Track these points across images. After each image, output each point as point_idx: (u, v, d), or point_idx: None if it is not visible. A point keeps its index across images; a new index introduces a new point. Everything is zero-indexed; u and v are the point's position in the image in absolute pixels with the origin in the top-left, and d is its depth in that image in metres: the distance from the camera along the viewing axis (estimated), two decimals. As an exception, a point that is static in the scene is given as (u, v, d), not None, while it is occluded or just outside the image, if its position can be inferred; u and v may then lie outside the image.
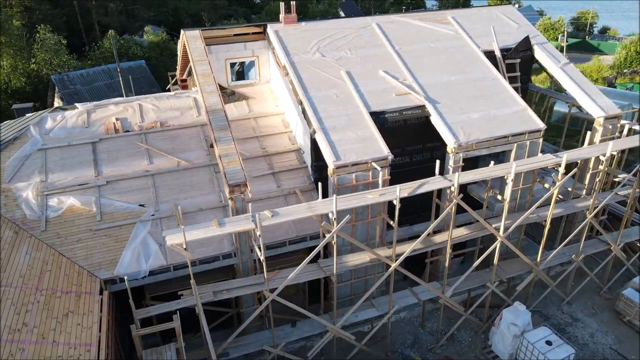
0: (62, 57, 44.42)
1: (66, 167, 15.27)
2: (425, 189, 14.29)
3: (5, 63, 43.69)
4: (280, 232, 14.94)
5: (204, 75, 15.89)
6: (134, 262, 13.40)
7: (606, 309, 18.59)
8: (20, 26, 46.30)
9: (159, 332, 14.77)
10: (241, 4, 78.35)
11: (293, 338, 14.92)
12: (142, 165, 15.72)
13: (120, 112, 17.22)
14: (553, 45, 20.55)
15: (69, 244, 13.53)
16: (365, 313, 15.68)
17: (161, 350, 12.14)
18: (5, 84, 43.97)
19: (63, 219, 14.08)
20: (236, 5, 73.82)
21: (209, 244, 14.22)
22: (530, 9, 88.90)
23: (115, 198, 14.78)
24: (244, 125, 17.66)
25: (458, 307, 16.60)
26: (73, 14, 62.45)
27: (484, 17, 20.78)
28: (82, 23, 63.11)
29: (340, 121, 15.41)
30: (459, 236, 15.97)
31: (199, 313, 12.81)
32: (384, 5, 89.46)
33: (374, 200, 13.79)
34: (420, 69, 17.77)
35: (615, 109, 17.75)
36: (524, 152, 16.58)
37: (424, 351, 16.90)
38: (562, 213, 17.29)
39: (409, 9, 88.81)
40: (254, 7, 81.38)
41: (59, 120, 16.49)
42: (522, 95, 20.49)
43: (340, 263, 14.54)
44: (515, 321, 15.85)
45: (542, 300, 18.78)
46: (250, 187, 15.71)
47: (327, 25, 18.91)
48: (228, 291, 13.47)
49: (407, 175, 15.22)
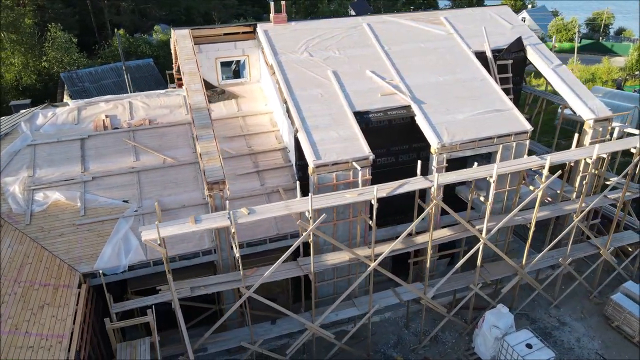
0: (72, 55, 45.14)
1: (54, 163, 15.60)
2: (404, 190, 14.30)
3: (16, 60, 44.56)
4: (261, 230, 15.07)
5: (190, 73, 16.09)
6: (114, 257, 13.64)
7: (595, 314, 18.37)
8: (32, 24, 47.21)
9: (144, 326, 15.14)
10: (253, 4, 78.82)
11: (272, 335, 15.03)
12: (129, 162, 15.99)
13: (110, 110, 17.52)
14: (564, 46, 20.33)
15: (51, 238, 13.83)
16: (346, 312, 15.73)
17: (135, 344, 12.36)
18: (16, 81, 44.87)
19: (48, 214, 14.39)
20: (247, 5, 74.28)
21: (190, 240, 14.40)
22: (544, 9, 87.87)
23: (100, 194, 15.05)
24: (232, 124, 17.83)
25: (441, 308, 16.56)
26: (86, 12, 63.48)
27: (477, 17, 20.66)
28: (95, 22, 64.12)
29: (324, 120, 15.48)
30: (441, 237, 15.94)
31: (175, 308, 13.00)
32: (396, 5, 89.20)
33: (352, 199, 13.85)
34: (409, 69, 17.75)
35: (606, 111, 17.53)
36: (510, 153, 16.47)
37: (407, 352, 16.89)
38: (549, 216, 17.14)
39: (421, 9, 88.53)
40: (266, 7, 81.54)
41: (50, 117, 16.83)
42: (514, 97, 20.39)
43: (318, 262, 14.62)
44: (497, 323, 15.77)
45: (530, 303, 18.63)
46: (234, 185, 16.00)
47: (317, 25, 18.98)
48: (206, 287, 13.64)
49: (392, 175, 15.13)
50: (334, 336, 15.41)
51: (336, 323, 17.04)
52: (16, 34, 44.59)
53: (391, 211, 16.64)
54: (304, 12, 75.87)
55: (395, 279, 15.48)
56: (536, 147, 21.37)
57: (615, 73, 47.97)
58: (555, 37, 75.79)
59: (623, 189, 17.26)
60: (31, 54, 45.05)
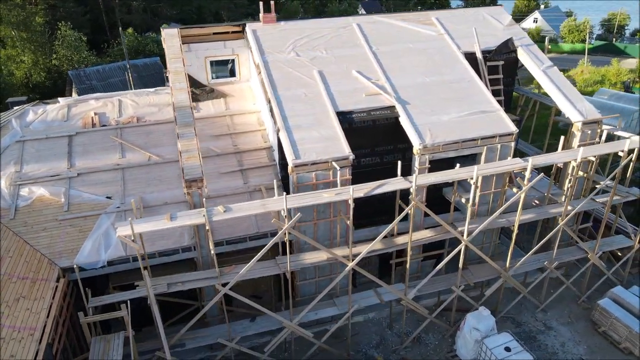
0: (81, 54, 45.80)
1: (41, 159, 15.91)
2: (383, 190, 14.32)
3: (26, 58, 45.36)
4: (241, 228, 15.20)
5: (175, 72, 16.28)
6: (94, 252, 13.88)
7: (583, 319, 18.16)
8: (42, 23, 48.04)
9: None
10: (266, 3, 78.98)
11: (250, 333, 15.15)
12: (114, 159, 16.24)
13: (100, 107, 17.81)
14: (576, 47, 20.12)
15: (34, 233, 14.12)
16: (326, 311, 15.79)
17: (109, 339, 12.56)
18: (26, 78, 45.70)
19: (32, 209, 14.69)
20: (257, 5, 74.60)
21: (169, 237, 14.59)
22: (557, 9, 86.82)
23: (85, 190, 15.32)
24: (219, 123, 17.99)
25: (422, 310, 16.52)
26: (98, 11, 64.35)
27: (469, 18, 20.53)
28: (107, 21, 64.93)
29: (306, 120, 15.55)
30: (421, 238, 15.91)
31: (151, 304, 13.17)
32: (408, 5, 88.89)
33: (329, 199, 13.90)
34: (396, 69, 17.73)
35: (595, 114, 17.31)
36: (494, 155, 16.38)
37: (388, 352, 16.88)
38: (535, 218, 16.98)
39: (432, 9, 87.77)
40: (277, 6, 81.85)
41: (40, 114, 17.17)
42: (506, 98, 20.26)
43: (296, 261, 14.70)
44: (478, 326, 15.69)
45: (517, 306, 18.49)
46: (217, 183, 16.17)
47: (306, 25, 19.06)
48: (183, 284, 13.80)
49: (377, 175, 15.08)
50: (312, 335, 15.47)
51: (319, 322, 17.10)
52: (27, 32, 45.44)
53: (376, 211, 16.66)
54: (313, 11, 76.04)
55: (375, 279, 15.50)
56: (527, 149, 21.17)
57: (625, 75, 47.20)
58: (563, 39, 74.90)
59: (611, 192, 17.04)
60: (41, 52, 45.88)
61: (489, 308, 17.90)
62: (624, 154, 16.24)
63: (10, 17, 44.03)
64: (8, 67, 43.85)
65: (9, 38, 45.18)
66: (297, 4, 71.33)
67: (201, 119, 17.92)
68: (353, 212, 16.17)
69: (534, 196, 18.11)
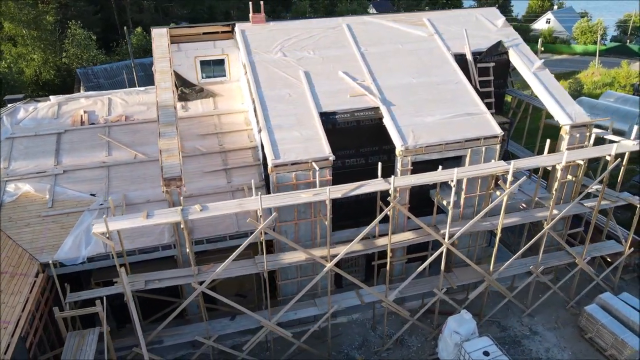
0: (90, 52, 46.45)
1: (29, 156, 16.22)
2: (362, 191, 14.31)
3: (36, 56, 46.14)
4: (222, 227, 15.30)
5: (162, 72, 16.45)
6: (74, 248, 14.10)
7: (570, 324, 17.93)
8: (53, 22, 48.85)
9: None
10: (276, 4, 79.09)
11: (229, 331, 15.26)
12: (101, 157, 16.48)
13: (90, 106, 18.08)
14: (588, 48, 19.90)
15: (17, 228, 14.40)
16: (306, 311, 15.84)
17: (85, 334, 12.75)
18: (36, 76, 46.48)
19: (17, 204, 14.99)
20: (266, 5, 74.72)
21: (150, 234, 14.76)
22: (571, 10, 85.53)
23: (70, 187, 15.57)
24: (206, 122, 18.14)
25: (403, 312, 16.46)
26: (110, 10, 65.23)
27: (462, 19, 20.37)
28: (118, 20, 65.75)
29: (288, 120, 15.60)
30: (402, 240, 15.85)
31: (127, 300, 13.35)
32: (420, 5, 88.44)
33: (307, 199, 13.93)
34: (383, 70, 17.68)
35: (585, 117, 17.06)
36: (479, 157, 16.24)
37: (370, 353, 16.86)
38: (519, 222, 16.81)
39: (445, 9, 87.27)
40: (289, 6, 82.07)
41: (31, 111, 17.50)
42: (498, 100, 20.10)
43: (274, 260, 14.76)
44: (458, 329, 15.58)
45: (503, 310, 18.32)
46: (201, 182, 16.33)
47: (295, 26, 19.10)
48: (160, 281, 13.96)
49: (362, 176, 15.00)
50: (291, 335, 15.51)
51: (302, 322, 17.14)
52: (37, 30, 46.23)
53: (361, 212, 16.63)
54: (323, 11, 76.01)
55: (355, 281, 15.47)
56: (520, 152, 20.94)
57: (635, 77, 46.35)
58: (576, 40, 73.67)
59: (599, 196, 16.79)
60: (51, 50, 46.64)
61: (474, 311, 17.85)
62: (611, 158, 15.99)
63: (21, 15, 44.83)
64: (18, 65, 44.66)
65: (19, 36, 46.01)
66: (306, 4, 71.33)
67: (189, 118, 18.09)
68: (338, 213, 16.33)
69: (521, 199, 17.91)
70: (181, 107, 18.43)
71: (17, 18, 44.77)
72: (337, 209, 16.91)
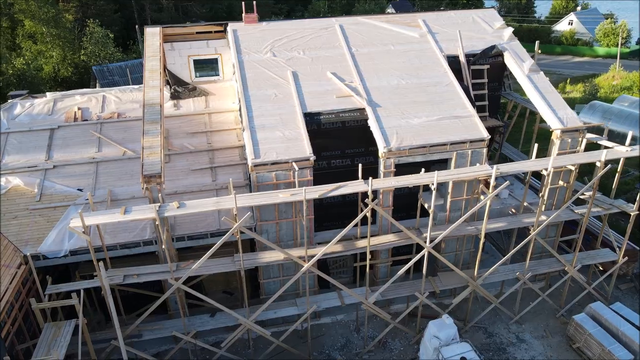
0: (108, 50, 47.44)
1: (22, 150, 16.68)
2: (340, 193, 14.29)
3: (55, 53, 47.34)
4: (203, 225, 15.47)
5: (151, 70, 16.71)
6: (57, 242, 14.44)
7: (558, 333, 17.56)
8: (72, 20, 50.06)
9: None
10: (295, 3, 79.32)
11: (208, 327, 15.43)
12: (91, 153, 16.85)
13: (84, 102, 18.49)
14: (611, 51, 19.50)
15: (5, 220, 14.84)
16: (285, 310, 15.90)
17: (61, 325, 13.07)
18: (55, 72, 47.70)
19: (7, 197, 15.43)
20: (282, 4, 75.02)
21: (132, 230, 15.01)
22: (595, 11, 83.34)
23: (58, 181, 15.96)
24: (197, 120, 18.35)
25: (384, 314, 16.37)
26: (130, 9, 66.48)
27: (458, 20, 20.12)
28: (138, 19, 66.93)
29: (272, 120, 15.68)
30: (382, 242, 15.75)
31: (105, 294, 13.63)
32: (440, 5, 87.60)
33: (283, 199, 13.99)
34: (372, 71, 17.61)
35: (577, 122, 16.67)
36: (465, 161, 16.04)
37: (352, 355, 16.83)
38: (506, 227, 16.55)
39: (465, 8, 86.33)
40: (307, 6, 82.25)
41: (27, 107, 17.99)
42: (493, 103, 19.82)
43: (252, 259, 14.86)
44: (438, 334, 15.42)
45: (491, 316, 18.06)
46: (187, 179, 16.55)
47: (288, 26, 19.16)
48: (138, 276, 14.19)
49: (349, 177, 14.94)
50: (269, 333, 15.60)
51: (286, 321, 17.22)
52: (56, 28, 47.43)
53: (347, 214, 16.57)
54: (340, 11, 75.94)
55: (333, 282, 15.46)
56: (516, 155, 20.55)
57: (655, 81, 44.98)
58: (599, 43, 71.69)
59: (589, 203, 16.39)
60: (69, 47, 47.81)
61: (461, 316, 17.67)
62: (601, 164, 15.58)
63: (41, 13, 46.07)
64: (38, 62, 45.91)
65: (39, 34, 47.28)
66: (323, 3, 71.35)
67: (180, 117, 18.34)
68: (325, 213, 16.38)
69: (511, 204, 17.60)
70: (173, 105, 18.69)
71: (37, 16, 46.02)
72: (325, 210, 16.96)
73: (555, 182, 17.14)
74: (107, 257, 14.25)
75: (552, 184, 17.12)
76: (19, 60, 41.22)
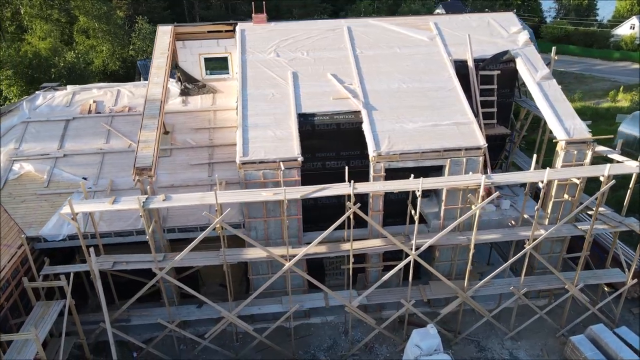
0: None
1: (38, 139, 17.85)
2: (322, 194, 14.36)
3: (105, 48, 49.93)
4: (194, 218, 15.95)
5: (157, 67, 17.42)
6: (57, 226, 15.36)
7: (556, 353, 16.78)
8: (123, 17, 52.63)
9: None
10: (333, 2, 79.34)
11: (193, 317, 15.94)
12: (99, 144, 17.78)
13: (100, 96, 19.51)
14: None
15: (15, 203, 15.95)
16: (269, 307, 16.16)
17: (50, 304, 13.93)
18: (104, 66, 50.33)
19: (19, 182, 16.59)
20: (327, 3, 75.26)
21: (127, 219, 15.73)
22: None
23: (66, 169, 16.97)
24: (202, 117, 18.92)
25: (369, 319, 16.26)
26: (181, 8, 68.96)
27: (472, 24, 19.57)
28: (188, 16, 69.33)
29: (265, 120, 15.95)
30: (370, 247, 15.66)
31: (94, 278, 14.40)
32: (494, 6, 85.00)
33: (266, 198, 14.24)
34: (374, 74, 17.50)
35: (584, 133, 15.83)
36: (460, 169, 15.64)
37: (336, 357, 16.84)
38: (500, 239, 16.03)
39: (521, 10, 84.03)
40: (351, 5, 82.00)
41: (48, 99, 19.22)
42: (504, 110, 19.21)
43: (235, 254, 15.20)
44: (420, 343, 15.13)
45: (486, 330, 17.52)
46: (184, 173, 17.16)
47: (296, 27, 19.36)
48: (127, 263, 14.87)
49: (343, 179, 14.91)
50: (252, 328, 15.89)
51: (276, 317, 17.41)
52: (107, 24, 50.05)
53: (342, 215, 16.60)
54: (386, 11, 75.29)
55: (316, 282, 15.54)
56: (528, 165, 19.68)
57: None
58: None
59: (592, 219, 15.55)
60: (118, 42, 50.31)
61: (453, 327, 17.27)
62: (604, 179, 14.74)
63: (94, 10, 48.77)
64: (89, 56, 48.62)
65: (91, 29, 50.05)
66: (367, 3, 71.01)
67: (187, 112, 19.00)
68: (319, 214, 16.53)
69: (511, 216, 16.96)
70: (182, 102, 19.38)
71: (90, 12, 48.75)
72: (319, 210, 17.06)
73: (560, 195, 16.38)
74: (100, 243, 15.05)
75: (557, 197, 16.38)
76: (69, 53, 43.72)
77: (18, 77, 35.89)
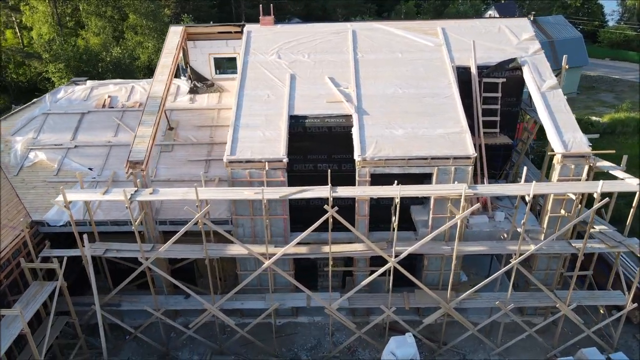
0: None
1: (55, 130, 19.11)
2: (301, 196, 14.58)
3: (150, 44, 52.16)
4: (185, 212, 16.54)
5: (162, 66, 18.21)
6: (60, 212, 16.44)
7: (544, 374, 16.18)
8: (169, 14, 54.80)
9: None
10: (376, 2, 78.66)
11: (179, 307, 16.60)
12: (108, 137, 18.81)
13: (115, 91, 20.61)
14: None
15: (26, 189, 17.21)
16: (251, 303, 16.55)
17: (44, 284, 14.96)
18: (149, 62, 52.58)
19: (32, 169, 17.87)
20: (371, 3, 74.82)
21: (122, 209, 16.54)
22: None
23: (75, 160, 18.09)
24: (206, 115, 19.58)
25: (349, 323, 16.31)
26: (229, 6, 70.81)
27: (481, 30, 19.07)
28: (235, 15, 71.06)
29: (257, 120, 16.33)
30: (349, 250, 15.72)
31: (85, 263, 15.34)
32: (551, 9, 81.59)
33: (247, 197, 14.63)
34: (371, 78, 17.48)
35: (583, 147, 15.11)
36: (448, 177, 15.37)
37: (318, 358, 17.00)
38: (486, 252, 15.62)
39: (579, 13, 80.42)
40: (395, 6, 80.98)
41: (68, 92, 20.52)
42: (509, 119, 18.69)
43: (217, 249, 15.68)
44: (395, 351, 15.09)
45: (474, 343, 17.11)
46: (182, 169, 17.86)
47: (301, 29, 19.63)
48: (118, 251, 15.71)
49: (335, 182, 15.03)
50: (234, 322, 16.33)
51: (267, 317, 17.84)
52: (154, 22, 52.30)
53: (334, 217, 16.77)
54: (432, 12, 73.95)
55: (296, 283, 15.78)
56: (534, 177, 18.97)
57: None
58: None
59: (584, 238, 14.85)
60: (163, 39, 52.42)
61: (439, 338, 17.03)
62: (598, 196, 14.04)
63: (142, 8, 51.12)
64: (136, 52, 51.03)
65: (139, 26, 52.46)
66: (412, 4, 70.04)
67: (193, 110, 19.73)
68: (313, 215, 16.61)
69: (504, 229, 16.44)
70: (189, 100, 20.13)
71: (139, 10, 51.14)
72: (311, 211, 17.22)
73: (557, 210, 15.75)
74: (95, 231, 15.96)
75: (553, 212, 15.76)
76: (115, 49, 46.05)
77: (69, 70, 38.25)
